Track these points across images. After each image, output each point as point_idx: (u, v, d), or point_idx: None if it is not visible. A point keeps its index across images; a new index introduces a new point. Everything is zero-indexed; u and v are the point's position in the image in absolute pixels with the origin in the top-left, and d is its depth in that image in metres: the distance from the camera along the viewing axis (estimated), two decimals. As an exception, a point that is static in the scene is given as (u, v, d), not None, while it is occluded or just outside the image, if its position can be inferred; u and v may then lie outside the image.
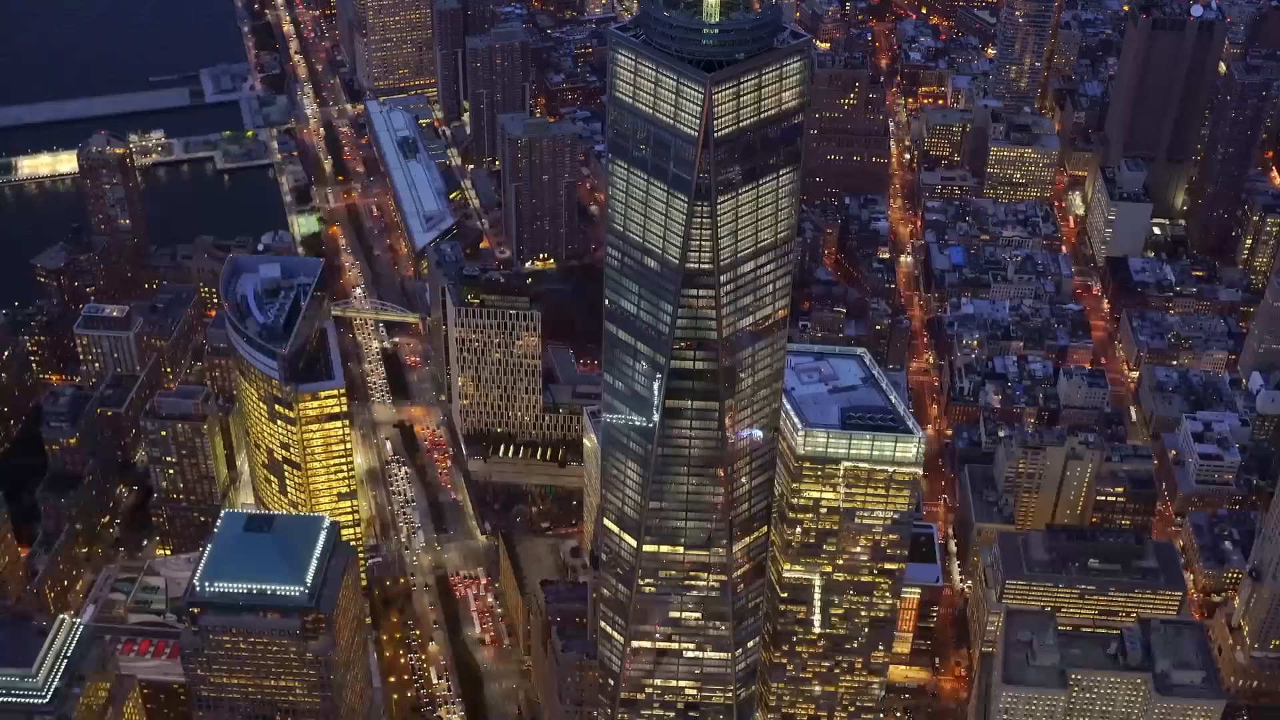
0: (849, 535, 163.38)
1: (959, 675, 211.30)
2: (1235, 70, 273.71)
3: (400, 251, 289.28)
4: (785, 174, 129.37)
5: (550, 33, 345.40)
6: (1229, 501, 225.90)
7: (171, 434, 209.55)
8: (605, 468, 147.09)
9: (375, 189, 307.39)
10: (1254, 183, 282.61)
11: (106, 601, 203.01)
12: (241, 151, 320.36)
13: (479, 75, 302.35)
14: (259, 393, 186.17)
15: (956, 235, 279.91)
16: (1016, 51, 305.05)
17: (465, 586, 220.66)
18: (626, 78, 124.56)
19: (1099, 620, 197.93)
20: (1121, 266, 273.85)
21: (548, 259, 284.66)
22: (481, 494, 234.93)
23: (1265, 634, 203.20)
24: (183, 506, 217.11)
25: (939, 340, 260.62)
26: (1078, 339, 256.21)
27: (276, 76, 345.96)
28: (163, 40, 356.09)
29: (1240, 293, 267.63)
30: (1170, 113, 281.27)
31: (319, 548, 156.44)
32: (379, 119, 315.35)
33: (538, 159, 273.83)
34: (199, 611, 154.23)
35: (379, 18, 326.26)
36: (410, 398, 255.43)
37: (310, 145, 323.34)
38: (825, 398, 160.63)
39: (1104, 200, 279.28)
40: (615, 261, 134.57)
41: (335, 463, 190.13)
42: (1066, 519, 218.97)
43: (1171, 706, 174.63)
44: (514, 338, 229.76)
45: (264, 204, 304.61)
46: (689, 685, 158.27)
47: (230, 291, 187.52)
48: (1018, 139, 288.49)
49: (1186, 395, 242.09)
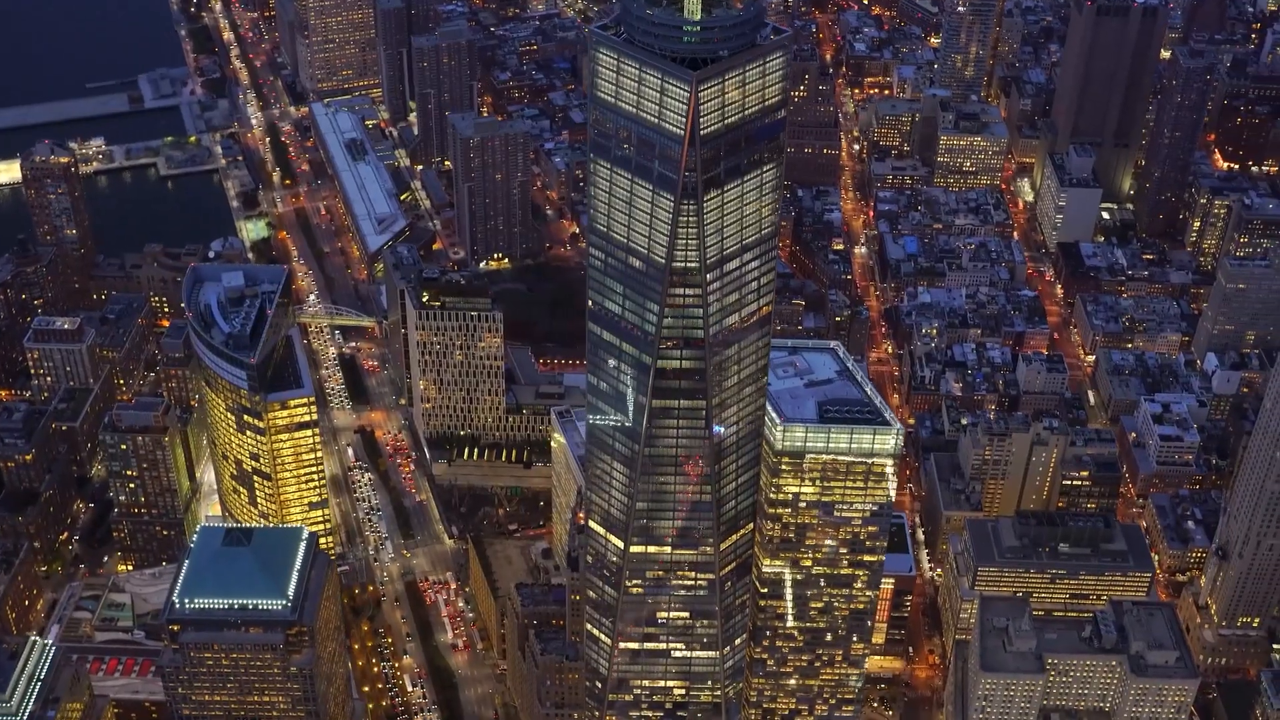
0: (828, 529, 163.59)
1: (933, 663, 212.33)
2: (1180, 55, 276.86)
3: (353, 255, 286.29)
4: (768, 170, 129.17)
5: (494, 30, 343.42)
6: (1189, 482, 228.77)
7: (132, 447, 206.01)
8: (589, 469, 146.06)
9: (323, 192, 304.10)
10: (1199, 165, 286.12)
11: (71, 620, 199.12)
12: (184, 157, 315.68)
13: (426, 75, 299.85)
14: (227, 403, 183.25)
15: (909, 225, 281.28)
16: (962, 40, 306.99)
17: (435, 591, 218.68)
18: (608, 77, 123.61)
19: (1070, 604, 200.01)
20: (1073, 252, 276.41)
21: (502, 259, 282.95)
22: (447, 497, 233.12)
23: (1233, 612, 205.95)
24: (144, 520, 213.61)
25: (897, 330, 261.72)
26: (1034, 325, 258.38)
27: (217, 80, 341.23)
28: (99, 46, 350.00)
29: (1190, 275, 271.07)
30: (1116, 98, 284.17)
31: (299, 559, 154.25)
32: (324, 121, 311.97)
33: (490, 158, 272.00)
34: (178, 629, 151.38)
35: (321, 19, 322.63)
36: (370, 402, 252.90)
37: (255, 149, 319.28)
38: (801, 392, 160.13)
39: (1054, 186, 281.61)
40: (598, 262, 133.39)
41: (306, 472, 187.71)
42: (1032, 504, 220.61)
43: (1147, 687, 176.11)
44: (476, 339, 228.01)
45: (210, 210, 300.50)
46: (677, 685, 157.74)
47: (193, 301, 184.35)
48: (967, 127, 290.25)
49: (1143, 378, 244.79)
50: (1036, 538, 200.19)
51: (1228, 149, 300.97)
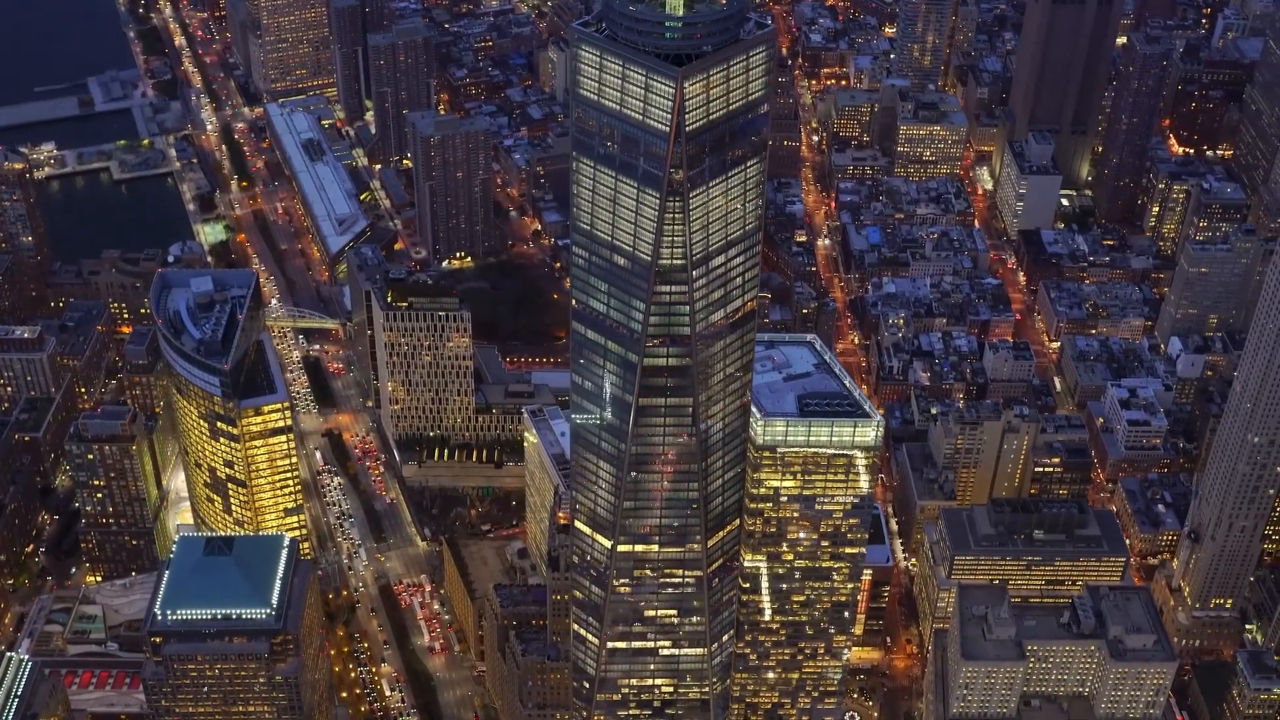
0: (809, 522, 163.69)
1: (910, 653, 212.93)
2: (1136, 41, 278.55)
3: (314, 256, 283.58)
4: (753, 165, 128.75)
5: (448, 27, 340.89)
6: (1158, 465, 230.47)
7: (99, 456, 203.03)
8: (574, 469, 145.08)
9: (281, 193, 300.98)
10: (1155, 151, 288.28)
11: (42, 634, 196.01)
12: (138, 160, 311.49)
13: (382, 73, 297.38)
14: (199, 410, 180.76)
15: (872, 215, 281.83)
16: (919, 30, 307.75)
17: (410, 595, 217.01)
18: (591, 74, 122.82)
19: (1046, 590, 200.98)
20: (1034, 239, 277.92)
21: (465, 257, 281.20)
22: (418, 499, 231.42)
23: (1205, 594, 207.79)
24: (113, 530, 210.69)
25: (863, 320, 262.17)
26: (999, 313, 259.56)
27: (168, 82, 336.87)
28: (46, 49, 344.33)
29: (1150, 260, 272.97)
30: (1073, 85, 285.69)
31: (281, 567, 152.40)
32: (280, 121, 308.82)
33: (451, 156, 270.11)
34: (161, 640, 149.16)
35: (274, 18, 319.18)
36: (336, 405, 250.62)
37: (209, 151, 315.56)
38: (780, 386, 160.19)
39: (1014, 174, 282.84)
40: (582, 261, 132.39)
41: (281, 478, 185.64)
42: (1004, 492, 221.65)
43: (1126, 671, 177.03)
44: (444, 339, 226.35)
45: (166, 214, 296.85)
46: (665, 683, 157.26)
47: (162, 307, 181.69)
48: (926, 117, 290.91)
49: (1108, 363, 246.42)
50: (1012, 525, 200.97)
51: (1183, 134, 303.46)
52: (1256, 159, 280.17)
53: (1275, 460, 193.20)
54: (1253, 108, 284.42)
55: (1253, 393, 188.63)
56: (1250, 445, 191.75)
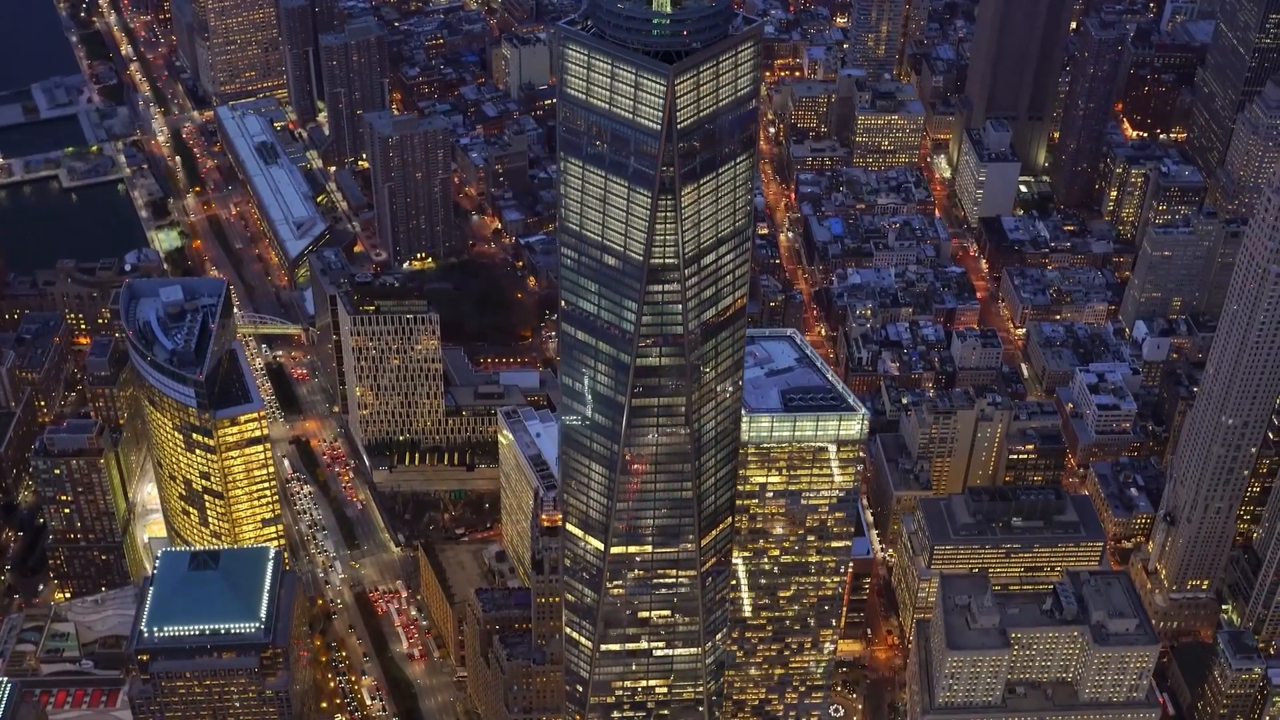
0: (795, 517, 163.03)
1: (891, 644, 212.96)
2: (1090, 26, 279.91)
3: (272, 261, 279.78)
4: (742, 161, 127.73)
5: (398, 25, 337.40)
6: (1128, 449, 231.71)
7: (66, 471, 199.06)
8: (566, 471, 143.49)
9: (236, 197, 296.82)
10: (1111, 135, 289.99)
11: (14, 654, 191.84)
12: (87, 168, 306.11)
13: (336, 73, 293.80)
14: (174, 422, 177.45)
15: (833, 206, 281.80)
16: (873, 19, 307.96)
17: (386, 601, 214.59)
18: (578, 73, 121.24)
19: (1025, 578, 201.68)
20: (995, 226, 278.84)
21: (426, 258, 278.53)
22: (390, 505, 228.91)
23: (1182, 576, 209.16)
24: (81, 546, 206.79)
25: (830, 312, 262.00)
26: (964, 301, 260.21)
27: (114, 87, 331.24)
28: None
29: (1111, 244, 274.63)
30: (1028, 72, 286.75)
31: (268, 579, 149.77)
32: (231, 125, 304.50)
33: (410, 157, 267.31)
34: (148, 658, 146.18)
35: (221, 20, 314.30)
36: (302, 412, 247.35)
37: (160, 157, 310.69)
38: (763, 381, 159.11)
39: (973, 162, 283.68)
40: (570, 262, 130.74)
41: (258, 488, 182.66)
42: (979, 480, 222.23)
43: (1110, 655, 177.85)
44: (412, 342, 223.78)
45: (118, 221, 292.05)
46: (659, 684, 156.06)
47: (131, 318, 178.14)
48: (883, 106, 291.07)
49: (1074, 348, 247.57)
50: (990, 513, 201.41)
51: (1136, 118, 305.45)
52: (1211, 141, 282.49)
53: (1250, 441, 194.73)
54: (1205, 90, 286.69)
55: (1226, 375, 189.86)
56: (1225, 427, 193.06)
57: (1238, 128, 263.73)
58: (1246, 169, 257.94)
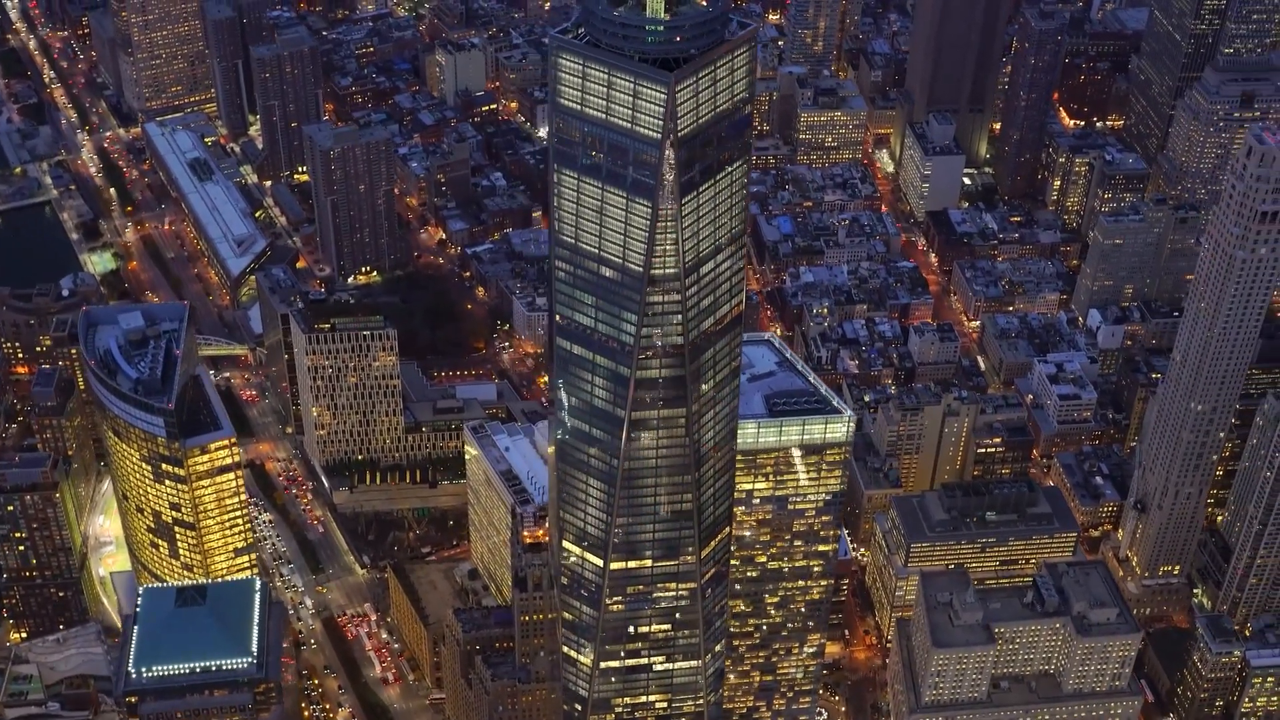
0: (783, 523, 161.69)
1: (869, 644, 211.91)
2: (1030, 17, 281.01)
3: (212, 280, 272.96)
4: (738, 167, 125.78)
5: (327, 34, 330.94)
6: (1090, 438, 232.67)
7: (20, 507, 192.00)
8: (561, 488, 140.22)
9: (170, 216, 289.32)
10: (1051, 125, 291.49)
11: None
12: (11, 190, 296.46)
13: (268, 86, 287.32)
14: (141, 453, 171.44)
15: (780, 205, 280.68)
16: (810, 15, 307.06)
17: (356, 625, 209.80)
18: (573, 83, 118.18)
19: (1001, 571, 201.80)
20: (943, 219, 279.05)
21: (371, 272, 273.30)
22: (352, 526, 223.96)
23: (1154, 562, 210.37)
24: (37, 584, 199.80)
25: (784, 311, 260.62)
26: (917, 296, 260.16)
27: (34, 105, 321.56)
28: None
29: (1058, 233, 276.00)
30: (969, 64, 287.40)
31: (256, 613, 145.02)
32: (161, 142, 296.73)
33: (351, 169, 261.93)
34: (136, 700, 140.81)
35: (145, 34, 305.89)
36: (254, 434, 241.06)
37: (87, 177, 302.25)
38: (746, 387, 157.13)
39: (918, 156, 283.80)
40: (565, 275, 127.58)
41: (230, 517, 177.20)
42: (948, 476, 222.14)
43: (1093, 646, 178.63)
44: (370, 359, 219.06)
45: (48, 245, 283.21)
46: (659, 699, 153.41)
47: (91, 347, 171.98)
48: (825, 103, 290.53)
49: (1029, 339, 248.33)
50: (964, 509, 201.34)
51: (1073, 106, 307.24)
52: (1149, 127, 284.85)
53: (1218, 426, 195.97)
54: (1141, 77, 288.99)
55: (1194, 361, 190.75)
56: (1194, 413, 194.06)
57: (1178, 114, 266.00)
58: (1189, 155, 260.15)
